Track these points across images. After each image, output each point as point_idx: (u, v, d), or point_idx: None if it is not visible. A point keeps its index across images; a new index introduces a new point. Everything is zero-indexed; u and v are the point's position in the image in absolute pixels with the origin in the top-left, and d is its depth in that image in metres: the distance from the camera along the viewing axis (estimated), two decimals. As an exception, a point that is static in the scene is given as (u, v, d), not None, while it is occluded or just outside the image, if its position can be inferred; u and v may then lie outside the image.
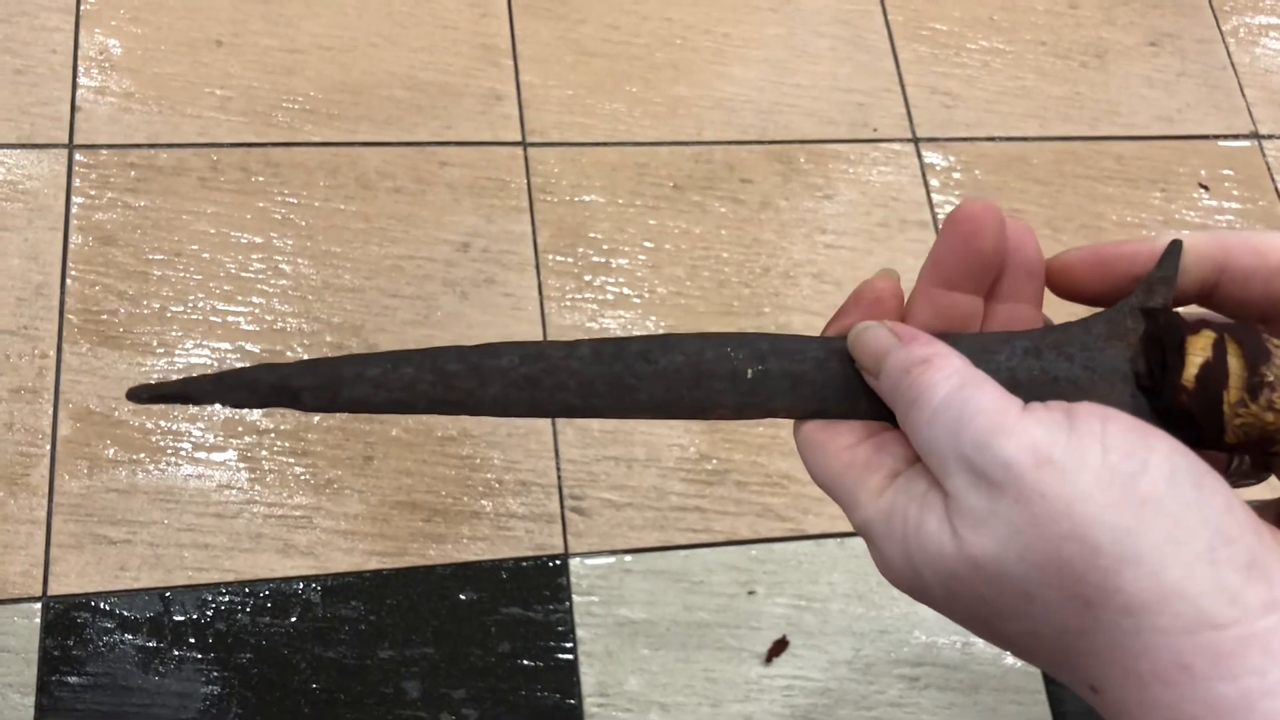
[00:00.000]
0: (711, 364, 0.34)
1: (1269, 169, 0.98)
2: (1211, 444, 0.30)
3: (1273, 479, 0.35)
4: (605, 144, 0.87)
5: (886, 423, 0.33)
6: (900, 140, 0.92)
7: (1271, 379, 0.29)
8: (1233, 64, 1.02)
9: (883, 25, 0.97)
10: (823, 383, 0.33)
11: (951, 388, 0.29)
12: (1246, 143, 1.00)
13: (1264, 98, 1.01)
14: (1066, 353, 0.32)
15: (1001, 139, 0.94)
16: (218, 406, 0.73)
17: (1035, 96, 0.97)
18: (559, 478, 0.76)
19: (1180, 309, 0.33)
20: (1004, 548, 0.27)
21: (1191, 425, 0.30)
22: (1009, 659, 0.76)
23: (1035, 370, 0.32)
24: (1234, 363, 0.29)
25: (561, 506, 0.75)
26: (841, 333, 0.33)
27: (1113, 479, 0.26)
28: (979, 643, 0.76)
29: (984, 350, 0.32)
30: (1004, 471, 0.27)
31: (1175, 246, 0.31)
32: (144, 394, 0.34)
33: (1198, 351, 0.30)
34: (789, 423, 0.34)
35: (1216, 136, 0.99)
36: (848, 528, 0.78)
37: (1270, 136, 1.00)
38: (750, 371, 0.33)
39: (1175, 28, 1.03)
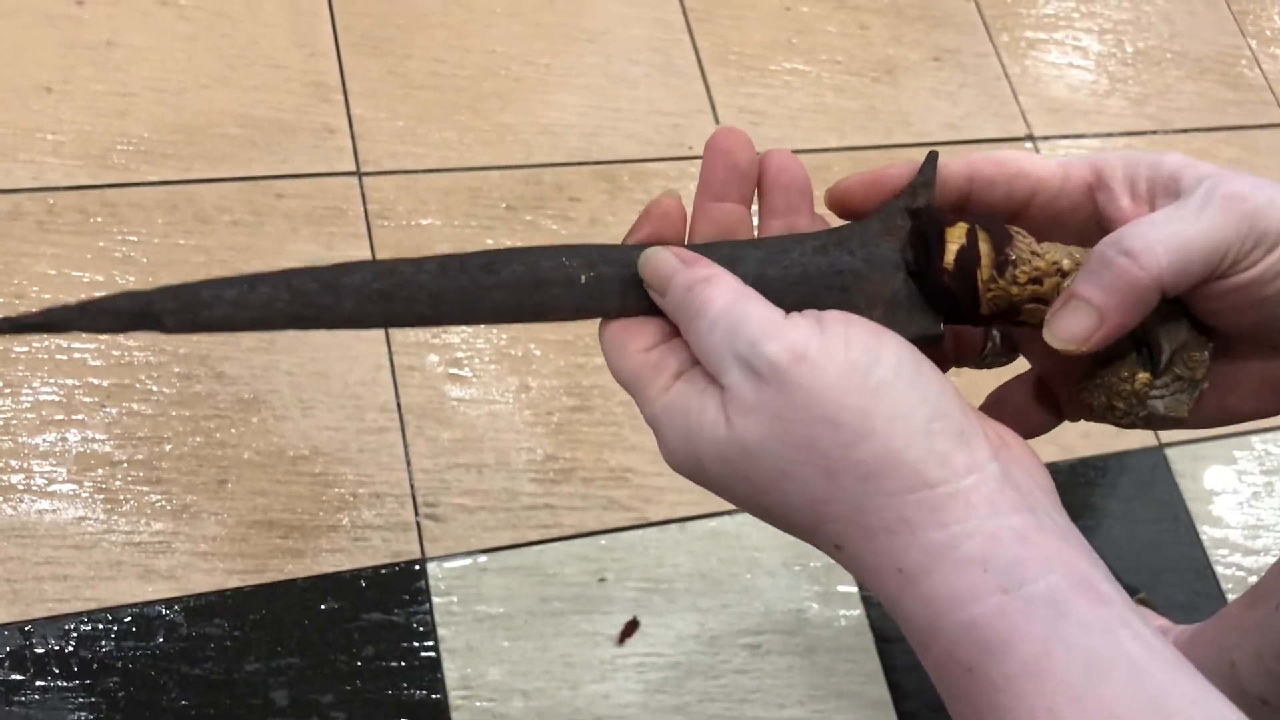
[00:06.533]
0: (548, 272, 0.37)
1: (1044, 167, 1.09)
2: (969, 316, 0.36)
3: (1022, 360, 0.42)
4: (438, 170, 0.92)
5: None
6: (715, 155, 0.99)
7: (1014, 258, 0.35)
8: (1007, 75, 1.13)
9: (692, 52, 1.05)
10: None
11: (728, 300, 0.34)
12: (1027, 144, 1.10)
13: (1036, 104, 1.12)
14: (849, 248, 0.37)
15: (805, 150, 1.02)
16: (73, 439, 0.75)
17: (834, 111, 1.06)
18: (412, 487, 0.80)
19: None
20: (767, 431, 0.33)
21: (952, 301, 0.36)
22: (842, 622, 0.83)
23: (824, 264, 0.37)
24: (984, 247, 0.35)
25: (416, 514, 0.79)
26: (641, 242, 0.38)
27: (852, 370, 0.32)
28: (814, 609, 0.83)
29: (781, 250, 0.37)
30: (769, 367, 0.33)
31: (932, 156, 0.38)
32: (4, 325, 0.34)
33: (955, 239, 0.36)
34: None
35: (997, 140, 1.09)
36: (688, 513, 0.84)
37: (1044, 138, 1.11)
38: (584, 277, 0.37)
39: (956, 44, 1.14)
